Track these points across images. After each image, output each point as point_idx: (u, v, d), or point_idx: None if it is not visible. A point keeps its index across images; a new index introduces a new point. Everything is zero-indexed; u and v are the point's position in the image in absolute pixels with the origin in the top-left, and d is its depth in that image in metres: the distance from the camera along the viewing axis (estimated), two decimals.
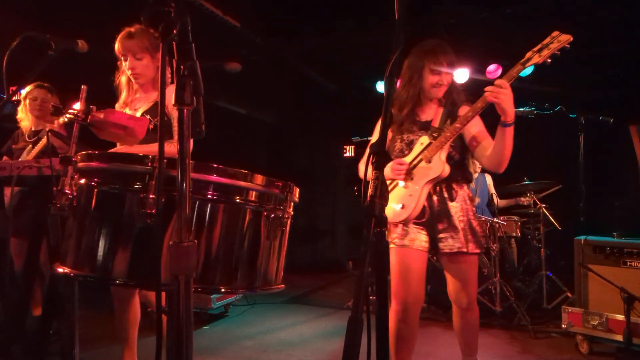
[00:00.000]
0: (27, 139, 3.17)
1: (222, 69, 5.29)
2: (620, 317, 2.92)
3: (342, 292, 5.45)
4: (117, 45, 2.12)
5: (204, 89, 0.96)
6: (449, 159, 2.11)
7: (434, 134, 2.13)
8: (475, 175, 5.03)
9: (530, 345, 3.37)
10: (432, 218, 2.12)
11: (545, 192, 4.54)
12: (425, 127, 2.19)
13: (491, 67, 5.02)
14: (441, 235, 2.11)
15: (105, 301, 2.33)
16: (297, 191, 1.52)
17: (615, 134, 4.20)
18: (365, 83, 6.41)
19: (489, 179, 5.08)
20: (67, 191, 1.38)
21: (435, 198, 2.12)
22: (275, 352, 3.20)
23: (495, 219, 4.23)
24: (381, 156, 1.11)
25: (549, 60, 1.92)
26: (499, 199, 4.89)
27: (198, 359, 3.02)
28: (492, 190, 5.03)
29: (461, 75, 4.55)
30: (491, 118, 2.04)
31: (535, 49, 1.94)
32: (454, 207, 2.12)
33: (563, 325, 3.21)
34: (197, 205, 1.25)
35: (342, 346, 0.99)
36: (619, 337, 2.92)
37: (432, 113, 2.24)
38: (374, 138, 2.35)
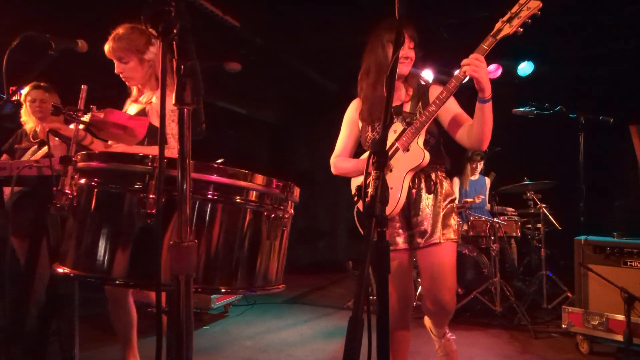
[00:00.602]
0: (31, 139, 3.17)
1: (222, 69, 5.29)
2: (621, 317, 2.92)
3: (342, 292, 5.45)
4: (105, 50, 2.10)
5: (204, 89, 0.96)
6: (426, 144, 1.99)
7: (407, 120, 1.99)
8: (475, 177, 5.03)
9: (531, 345, 3.37)
10: (407, 211, 2.01)
11: (547, 202, 4.53)
12: (397, 112, 2.06)
13: (491, 67, 5.02)
14: (416, 229, 2.00)
15: (105, 301, 2.33)
16: (297, 191, 1.52)
17: (615, 134, 4.20)
18: None
19: (487, 181, 5.08)
20: (67, 191, 1.37)
21: (413, 190, 2.01)
22: (275, 352, 3.20)
23: (495, 219, 4.23)
24: (381, 156, 1.11)
25: (521, 30, 1.81)
26: (496, 205, 4.84)
27: (198, 358, 3.02)
28: (487, 192, 5.02)
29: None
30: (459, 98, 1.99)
31: (504, 18, 1.82)
32: (431, 199, 2.01)
33: (563, 325, 3.21)
34: (197, 205, 1.25)
35: (342, 346, 0.98)
36: (619, 337, 2.92)
37: (401, 97, 2.12)
38: (338, 146, 2.33)
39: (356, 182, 2.22)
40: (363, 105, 2.18)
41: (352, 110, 2.31)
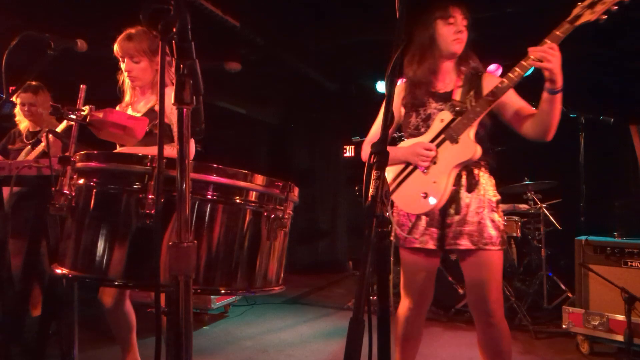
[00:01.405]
0: (24, 139, 3.15)
1: (222, 68, 5.28)
2: (621, 317, 2.92)
3: (342, 292, 5.45)
4: (115, 47, 2.10)
5: (203, 89, 0.95)
6: (476, 136, 1.82)
7: (457, 108, 1.83)
8: None
9: (531, 345, 3.36)
10: (443, 209, 1.85)
11: (547, 202, 4.52)
12: (445, 99, 1.90)
13: (492, 67, 5.01)
14: (452, 229, 1.85)
15: None
16: (297, 191, 1.51)
17: (616, 134, 4.19)
18: (365, 83, 6.41)
19: None
20: (65, 191, 1.37)
21: (452, 187, 1.84)
22: (275, 352, 3.19)
23: None
24: (382, 156, 1.10)
25: (604, 18, 1.59)
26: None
27: (198, 359, 3.01)
28: None
29: None
30: None
31: (584, 3, 1.61)
32: (470, 197, 1.84)
33: (564, 326, 3.20)
34: (196, 206, 1.25)
35: (343, 347, 0.98)
36: (620, 338, 2.91)
37: (450, 83, 1.94)
38: (371, 133, 2.13)
39: (390, 171, 2.02)
40: (408, 89, 2.00)
41: (394, 96, 2.16)
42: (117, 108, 2.27)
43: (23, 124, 3.18)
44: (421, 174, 1.87)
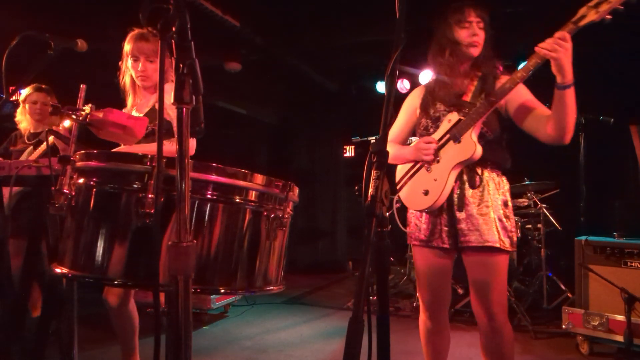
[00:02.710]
0: (26, 140, 3.16)
1: (222, 68, 5.28)
2: (621, 317, 2.91)
3: (342, 292, 5.44)
4: (128, 46, 2.11)
5: (203, 89, 0.95)
6: (481, 137, 1.83)
7: (465, 110, 1.84)
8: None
9: (531, 345, 3.36)
10: (451, 207, 1.86)
11: (546, 193, 4.53)
12: (456, 101, 1.91)
13: None
14: (460, 227, 1.83)
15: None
16: (296, 190, 1.51)
17: (615, 134, 4.19)
18: (365, 83, 6.41)
19: None
20: (65, 191, 1.37)
21: (456, 184, 1.85)
22: (275, 352, 3.19)
23: None
24: (382, 155, 1.10)
25: (609, 18, 1.57)
26: None
27: (198, 359, 3.01)
28: None
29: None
30: None
31: (591, 3, 1.59)
32: (474, 194, 1.83)
33: (563, 326, 3.20)
34: (196, 205, 1.24)
35: (342, 347, 0.98)
36: (620, 338, 2.91)
37: (464, 86, 1.94)
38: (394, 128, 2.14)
39: (401, 169, 2.05)
40: (426, 91, 2.03)
41: (414, 97, 2.12)
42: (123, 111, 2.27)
43: (23, 124, 3.19)
44: (425, 172, 1.90)
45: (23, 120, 3.18)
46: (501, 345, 1.82)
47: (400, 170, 2.06)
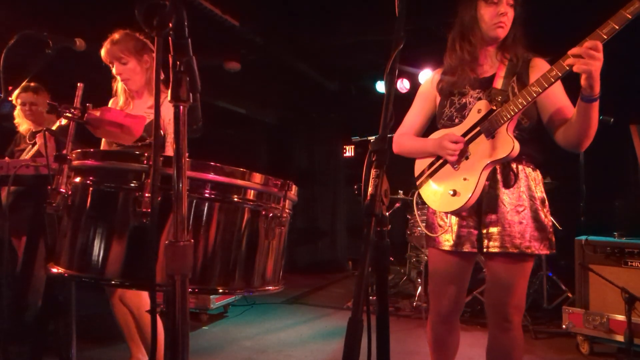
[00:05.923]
0: (27, 140, 3.17)
1: (222, 68, 5.27)
2: (621, 317, 2.91)
3: (341, 292, 5.43)
4: (103, 54, 2.12)
5: (202, 89, 0.94)
6: (517, 127, 1.64)
7: (497, 98, 1.62)
8: None
9: (531, 345, 3.35)
10: (480, 208, 1.68)
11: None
12: (484, 87, 1.70)
13: None
14: (490, 231, 1.66)
15: (103, 301, 2.31)
16: (295, 189, 1.50)
17: (615, 134, 4.18)
18: (364, 83, 6.41)
19: None
20: (62, 190, 1.36)
21: (486, 182, 1.66)
22: (274, 352, 3.18)
23: None
24: (381, 154, 1.09)
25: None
26: None
27: (197, 359, 3.00)
28: None
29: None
30: None
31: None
32: (508, 194, 1.65)
33: (564, 326, 3.19)
34: (194, 204, 1.24)
35: (342, 347, 0.97)
36: (620, 338, 2.91)
37: (492, 69, 1.73)
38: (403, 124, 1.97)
39: (421, 164, 1.86)
40: (445, 76, 1.81)
41: (429, 83, 1.90)
42: None
43: (23, 125, 3.19)
44: (451, 169, 1.71)
45: (23, 122, 3.19)
46: (511, 348, 1.71)
47: (420, 164, 1.86)
